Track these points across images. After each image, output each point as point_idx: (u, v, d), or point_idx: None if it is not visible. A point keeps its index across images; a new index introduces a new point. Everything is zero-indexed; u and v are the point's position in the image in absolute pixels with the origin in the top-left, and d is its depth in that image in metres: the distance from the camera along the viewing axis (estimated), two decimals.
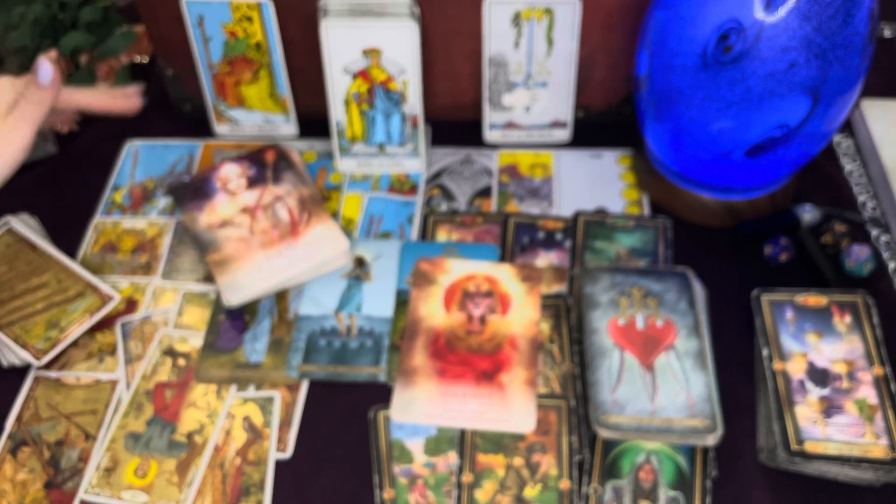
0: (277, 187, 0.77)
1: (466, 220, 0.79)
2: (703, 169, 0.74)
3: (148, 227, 0.80)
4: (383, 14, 0.75)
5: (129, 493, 0.63)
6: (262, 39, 0.80)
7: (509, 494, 0.62)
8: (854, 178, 0.83)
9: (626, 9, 0.77)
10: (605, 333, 0.66)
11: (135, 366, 0.70)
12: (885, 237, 0.77)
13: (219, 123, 0.87)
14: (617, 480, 0.61)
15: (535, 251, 0.76)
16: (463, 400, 0.65)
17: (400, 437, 0.65)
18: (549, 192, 0.82)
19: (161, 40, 0.83)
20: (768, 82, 0.64)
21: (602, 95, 0.85)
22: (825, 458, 0.59)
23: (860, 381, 0.62)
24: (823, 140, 0.71)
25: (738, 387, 0.67)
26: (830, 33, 0.62)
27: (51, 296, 0.73)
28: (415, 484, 0.62)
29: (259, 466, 0.64)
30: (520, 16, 0.77)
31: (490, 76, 0.82)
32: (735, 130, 0.68)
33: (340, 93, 0.79)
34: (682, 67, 0.67)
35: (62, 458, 0.65)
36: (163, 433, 0.66)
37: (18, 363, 0.70)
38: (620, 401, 0.63)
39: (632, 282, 0.69)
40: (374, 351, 0.69)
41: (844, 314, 0.66)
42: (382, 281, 0.74)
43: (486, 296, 0.71)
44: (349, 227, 0.79)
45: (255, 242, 0.73)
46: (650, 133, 0.76)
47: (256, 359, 0.69)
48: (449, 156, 0.86)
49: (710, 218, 0.78)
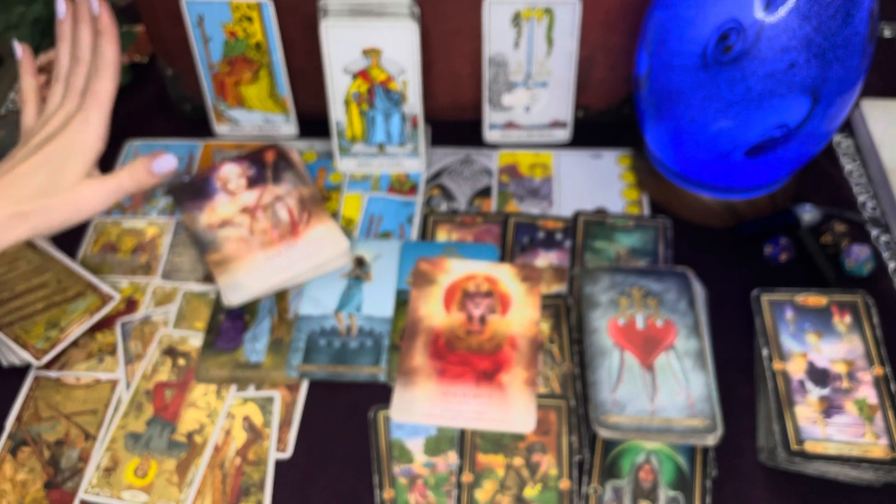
0: (277, 187, 0.77)
1: (466, 220, 0.79)
2: (703, 169, 0.74)
3: (148, 227, 0.80)
4: (383, 14, 0.75)
5: (129, 493, 0.63)
6: (262, 39, 0.80)
7: (509, 494, 0.62)
8: (854, 178, 0.83)
9: (626, 9, 0.77)
10: (605, 333, 0.66)
11: (135, 366, 0.70)
12: (885, 237, 0.77)
13: (219, 123, 0.87)
14: (617, 480, 0.61)
15: (535, 251, 0.76)
16: (463, 400, 0.65)
17: (400, 437, 0.65)
18: (549, 192, 0.82)
19: (161, 40, 0.83)
20: (768, 82, 0.64)
21: (602, 95, 0.85)
22: (825, 458, 0.59)
23: (860, 381, 0.62)
24: (823, 140, 0.71)
25: (738, 387, 0.67)
26: (830, 33, 0.62)
27: (51, 296, 0.73)
28: (415, 484, 0.62)
29: (259, 466, 0.64)
30: (520, 16, 0.77)
31: (490, 76, 0.82)
32: (735, 130, 0.68)
33: (340, 93, 0.79)
34: (682, 67, 0.67)
35: (62, 458, 0.65)
36: (163, 433, 0.66)
37: (18, 363, 0.70)
38: (620, 401, 0.63)
39: (632, 282, 0.69)
40: (374, 351, 0.69)
41: (844, 314, 0.66)
42: (382, 281, 0.74)
43: (486, 296, 0.71)
44: (349, 227, 0.79)
45: (255, 242, 0.73)
46: (650, 133, 0.76)
47: (256, 359, 0.69)
48: (449, 156, 0.86)
49: (710, 218, 0.78)
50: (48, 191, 0.60)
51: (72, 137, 0.61)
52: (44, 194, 0.60)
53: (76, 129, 0.61)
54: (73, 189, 0.61)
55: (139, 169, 0.63)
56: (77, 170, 0.61)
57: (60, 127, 0.62)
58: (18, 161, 0.61)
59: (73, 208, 0.61)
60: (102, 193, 0.61)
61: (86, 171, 0.61)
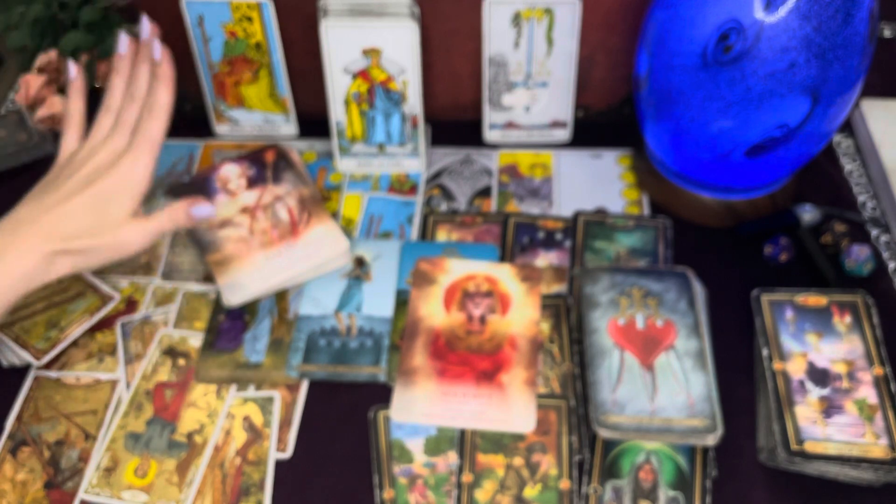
0: (277, 187, 0.77)
1: (466, 220, 0.79)
2: (703, 169, 0.74)
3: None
4: (383, 14, 0.75)
5: (129, 493, 0.63)
6: (262, 39, 0.80)
7: (509, 494, 0.62)
8: (854, 178, 0.83)
9: (626, 9, 0.77)
10: (605, 333, 0.66)
11: (135, 366, 0.70)
12: (885, 237, 0.77)
13: (219, 123, 0.87)
14: (617, 480, 0.61)
15: (535, 251, 0.76)
16: (463, 400, 0.65)
17: (400, 437, 0.65)
18: (549, 192, 0.82)
19: (161, 40, 0.83)
20: (768, 82, 0.64)
21: (602, 95, 0.85)
22: (825, 458, 0.59)
23: (860, 381, 0.62)
24: (823, 140, 0.71)
25: (738, 387, 0.67)
26: (830, 33, 0.62)
27: (51, 296, 0.73)
28: (415, 484, 0.62)
29: (259, 466, 0.64)
30: (520, 16, 0.77)
31: (490, 76, 0.82)
32: (735, 130, 0.68)
33: (340, 93, 0.79)
34: (682, 67, 0.67)
35: (62, 458, 0.65)
36: (163, 433, 0.66)
37: (18, 363, 0.70)
38: (620, 401, 0.63)
39: (632, 282, 0.69)
40: (374, 351, 0.69)
41: (844, 314, 0.66)
42: (382, 281, 0.74)
43: (486, 296, 0.71)
44: (349, 227, 0.79)
45: (255, 242, 0.73)
46: (650, 133, 0.76)
47: (256, 359, 0.69)
48: (449, 156, 0.86)
49: (710, 218, 0.78)
50: (94, 230, 0.60)
51: (121, 177, 0.61)
52: (90, 234, 0.60)
53: (127, 169, 0.62)
54: (117, 230, 0.61)
55: (179, 213, 0.64)
56: (124, 210, 0.61)
57: (109, 163, 0.62)
58: (66, 195, 0.60)
59: (116, 249, 0.61)
60: (144, 235, 0.62)
61: (132, 211, 0.62)
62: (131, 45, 0.67)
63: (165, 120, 0.64)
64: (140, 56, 0.66)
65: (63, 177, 0.62)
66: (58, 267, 0.60)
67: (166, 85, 0.64)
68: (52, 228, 0.59)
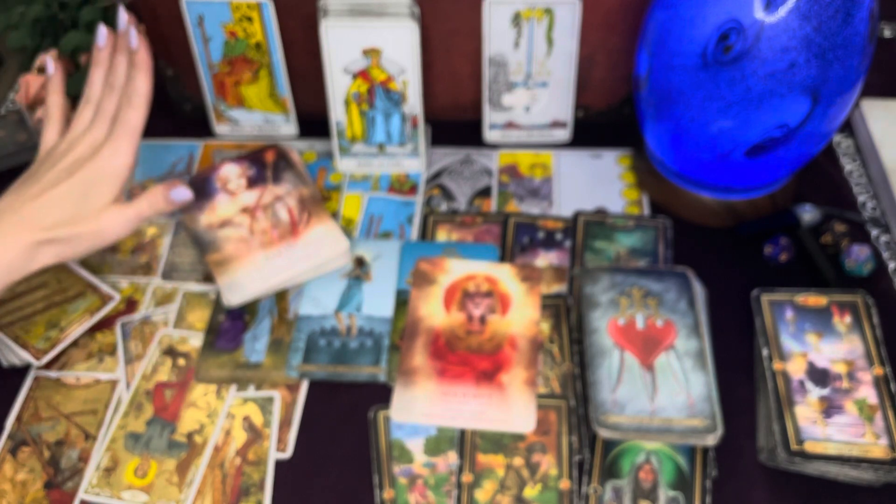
0: (277, 187, 0.77)
1: (466, 220, 0.79)
2: (703, 169, 0.74)
3: (148, 227, 0.80)
4: (383, 14, 0.75)
5: (129, 493, 0.63)
6: (262, 39, 0.80)
7: (509, 494, 0.62)
8: (854, 178, 0.83)
9: (626, 9, 0.77)
10: (605, 333, 0.66)
11: (135, 366, 0.70)
12: (885, 237, 0.77)
13: (219, 123, 0.87)
14: (617, 480, 0.61)
15: (535, 251, 0.76)
16: (463, 400, 0.65)
17: (400, 437, 0.65)
18: (549, 192, 0.82)
19: (161, 40, 0.83)
20: (768, 82, 0.64)
21: (602, 95, 0.85)
22: (825, 458, 0.59)
23: (860, 381, 0.62)
24: (823, 140, 0.71)
25: (738, 387, 0.67)
26: (830, 33, 0.62)
27: (51, 295, 0.73)
28: (415, 484, 0.62)
29: (259, 466, 0.64)
30: (520, 16, 0.77)
31: (490, 76, 0.82)
32: (735, 130, 0.68)
33: (340, 93, 0.79)
34: (682, 67, 0.67)
35: (62, 458, 0.65)
36: (163, 433, 0.66)
37: (18, 363, 0.70)
38: (620, 401, 0.63)
39: (632, 282, 0.69)
40: (374, 351, 0.69)
41: (844, 314, 0.66)
42: (382, 281, 0.74)
43: (486, 296, 0.71)
44: (349, 227, 0.79)
45: (255, 242, 0.73)
46: (650, 133, 0.76)
47: (256, 359, 0.69)
48: (449, 156, 0.86)
49: (710, 218, 0.78)
50: (76, 218, 0.61)
51: (102, 165, 0.62)
52: (72, 222, 0.60)
53: (107, 157, 0.62)
54: (98, 217, 0.61)
55: (157, 197, 0.65)
56: (105, 198, 0.62)
57: (90, 153, 0.62)
58: (48, 185, 0.61)
59: (98, 236, 0.62)
60: (125, 221, 0.63)
61: (113, 199, 0.62)
62: (109, 37, 0.67)
63: (145, 108, 0.64)
64: (118, 45, 0.66)
65: (44, 169, 0.62)
66: (41, 257, 0.60)
67: (144, 73, 0.65)
68: (34, 218, 0.60)
